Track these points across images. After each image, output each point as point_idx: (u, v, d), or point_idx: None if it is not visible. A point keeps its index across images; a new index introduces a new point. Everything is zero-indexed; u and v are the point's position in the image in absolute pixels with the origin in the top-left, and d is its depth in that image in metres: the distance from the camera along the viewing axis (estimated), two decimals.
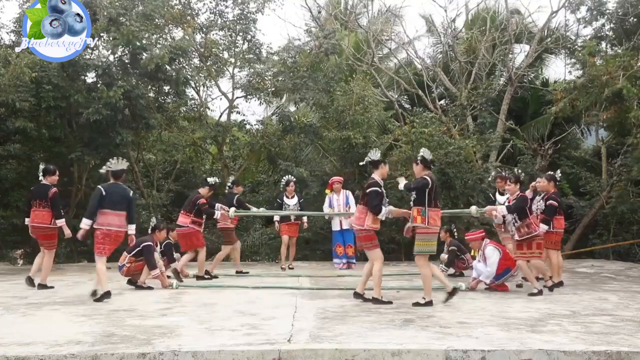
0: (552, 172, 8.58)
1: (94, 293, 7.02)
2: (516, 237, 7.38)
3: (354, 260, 11.15)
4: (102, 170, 7.53)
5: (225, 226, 9.70)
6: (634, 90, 12.09)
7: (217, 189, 10.20)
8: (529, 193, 7.80)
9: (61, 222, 7.98)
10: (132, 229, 7.34)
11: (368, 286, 6.80)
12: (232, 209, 9.60)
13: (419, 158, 6.63)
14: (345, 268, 10.89)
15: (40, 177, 8.13)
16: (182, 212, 9.08)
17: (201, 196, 9.03)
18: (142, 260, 8.02)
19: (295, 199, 10.98)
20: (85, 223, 7.14)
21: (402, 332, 5.07)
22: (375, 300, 6.60)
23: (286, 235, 10.92)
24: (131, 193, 7.41)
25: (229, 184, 10.38)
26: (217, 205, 9.45)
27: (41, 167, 8.25)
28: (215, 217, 9.22)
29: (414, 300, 6.63)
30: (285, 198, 10.95)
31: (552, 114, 14.51)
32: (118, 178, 7.33)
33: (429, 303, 6.48)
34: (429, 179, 6.43)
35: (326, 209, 11.15)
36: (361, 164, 7.22)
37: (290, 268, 10.89)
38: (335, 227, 11.11)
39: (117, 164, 7.37)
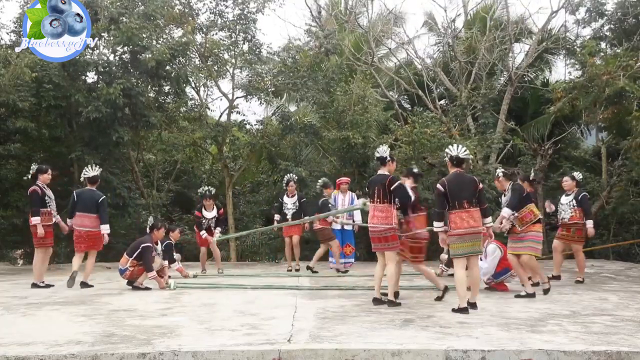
0: (527, 173, 9.03)
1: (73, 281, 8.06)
2: None
3: (352, 260, 11.11)
4: (82, 179, 8.46)
5: (319, 227, 10.18)
6: (635, 85, 12.06)
7: (213, 196, 10.47)
8: None
9: (36, 220, 8.06)
10: (104, 228, 8.23)
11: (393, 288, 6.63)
12: (217, 230, 10.23)
13: (445, 155, 6.53)
14: (344, 268, 10.86)
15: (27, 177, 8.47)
16: None
17: (197, 209, 10.30)
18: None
19: (296, 199, 10.97)
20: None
21: (402, 332, 5.07)
22: (391, 303, 6.46)
23: (296, 236, 10.86)
24: (102, 198, 8.21)
25: (318, 186, 10.51)
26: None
27: (33, 166, 8.39)
28: (202, 235, 10.22)
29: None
30: (285, 197, 10.94)
31: (551, 113, 14.50)
32: (93, 184, 8.31)
33: (464, 309, 6.02)
34: (440, 186, 6.28)
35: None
36: (377, 154, 6.75)
37: (295, 270, 10.80)
38: (336, 225, 11.08)
39: (91, 171, 8.27)
